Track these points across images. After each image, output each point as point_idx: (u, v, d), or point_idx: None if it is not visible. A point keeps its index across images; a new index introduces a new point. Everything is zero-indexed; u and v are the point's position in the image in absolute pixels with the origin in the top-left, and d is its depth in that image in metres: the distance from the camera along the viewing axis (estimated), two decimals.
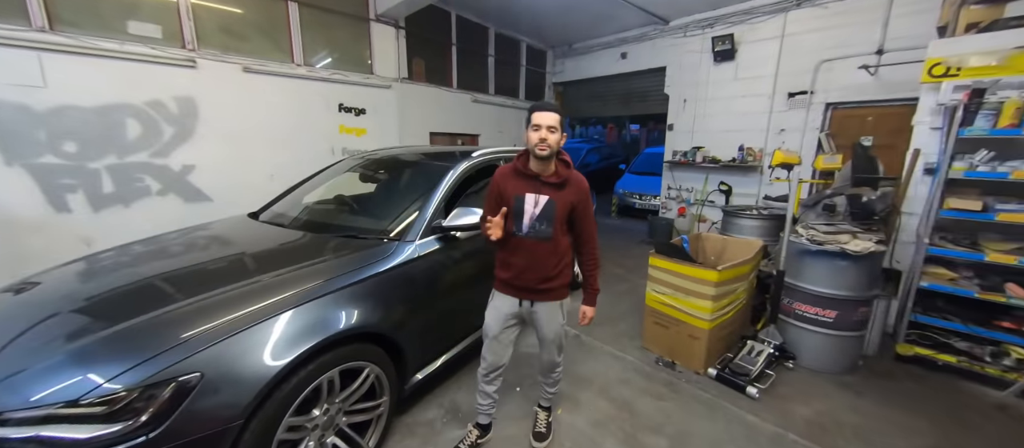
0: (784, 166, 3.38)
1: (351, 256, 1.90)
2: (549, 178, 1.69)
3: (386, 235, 2.14)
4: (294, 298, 1.55)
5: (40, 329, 1.45)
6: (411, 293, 2.02)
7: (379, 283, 1.85)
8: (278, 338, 1.44)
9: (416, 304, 2.05)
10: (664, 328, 2.88)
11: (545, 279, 1.77)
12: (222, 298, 1.51)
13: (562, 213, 1.71)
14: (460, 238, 2.39)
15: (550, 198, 1.69)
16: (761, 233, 3.60)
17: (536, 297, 1.80)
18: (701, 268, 2.63)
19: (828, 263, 2.65)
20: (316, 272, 1.73)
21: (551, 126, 1.61)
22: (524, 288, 1.79)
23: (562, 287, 1.84)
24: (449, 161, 2.67)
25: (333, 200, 2.93)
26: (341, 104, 4.71)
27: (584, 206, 1.76)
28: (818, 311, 2.72)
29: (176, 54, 3.56)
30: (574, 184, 1.74)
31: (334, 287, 1.67)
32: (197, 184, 3.84)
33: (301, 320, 1.52)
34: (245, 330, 1.39)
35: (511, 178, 1.75)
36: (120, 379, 1.20)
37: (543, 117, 1.62)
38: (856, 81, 4.65)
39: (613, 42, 7.00)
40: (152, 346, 1.28)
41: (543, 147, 1.62)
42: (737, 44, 5.53)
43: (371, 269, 1.85)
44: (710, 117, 6.00)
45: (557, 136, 1.64)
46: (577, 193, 1.73)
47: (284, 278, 1.66)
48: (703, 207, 6.04)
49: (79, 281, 1.88)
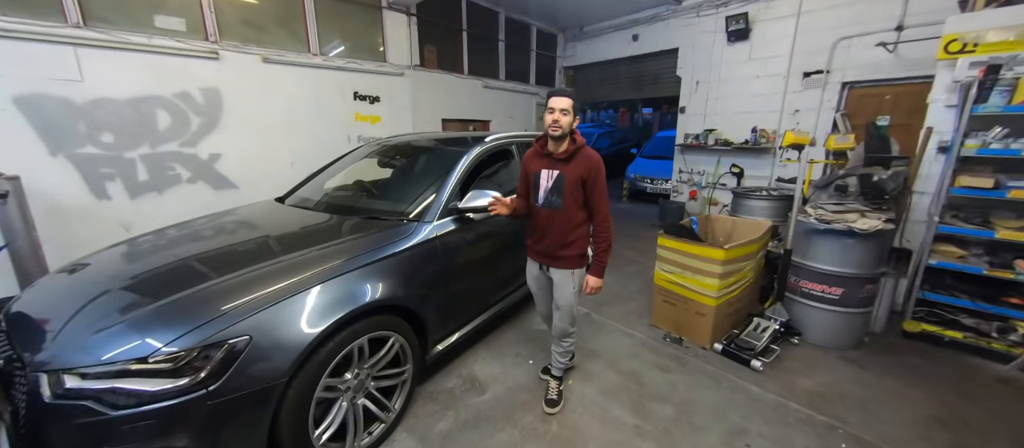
0: (795, 147, 3.39)
1: (374, 236, 2.04)
2: (561, 155, 1.91)
3: (405, 216, 2.27)
4: (324, 273, 1.69)
5: (97, 303, 1.61)
6: (430, 270, 2.16)
7: (400, 261, 1.99)
8: (312, 309, 1.59)
9: (435, 281, 2.18)
10: (672, 306, 2.98)
11: (559, 246, 1.99)
12: (261, 273, 1.65)
13: (572, 184, 1.90)
14: (474, 219, 2.51)
15: (561, 172, 1.91)
16: (771, 214, 3.64)
17: (552, 263, 2.06)
18: (708, 247, 2.70)
19: (835, 241, 2.70)
20: (342, 250, 1.87)
21: (564, 109, 1.83)
22: (543, 253, 2.07)
23: (574, 257, 2.02)
24: (463, 146, 2.77)
25: (353, 185, 3.07)
26: (356, 92, 4.83)
27: (594, 179, 1.91)
28: (824, 288, 2.78)
29: (200, 46, 3.71)
30: (583, 158, 1.92)
31: (359, 264, 1.81)
32: (223, 172, 4.03)
33: (332, 293, 1.67)
34: (283, 301, 1.54)
35: (533, 158, 2.04)
36: (176, 343, 1.35)
37: (557, 101, 1.84)
38: (874, 59, 4.56)
39: (624, 24, 6.92)
40: (200, 315, 1.43)
41: (555, 128, 1.84)
42: (752, 23, 5.44)
43: (392, 247, 1.98)
44: (723, 99, 5.94)
45: (570, 118, 1.85)
46: (586, 166, 1.90)
47: (313, 256, 1.80)
48: (714, 190, 6.04)
49: (124, 262, 2.02)
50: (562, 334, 2.17)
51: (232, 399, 1.37)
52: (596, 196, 1.95)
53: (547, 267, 2.09)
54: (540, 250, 2.08)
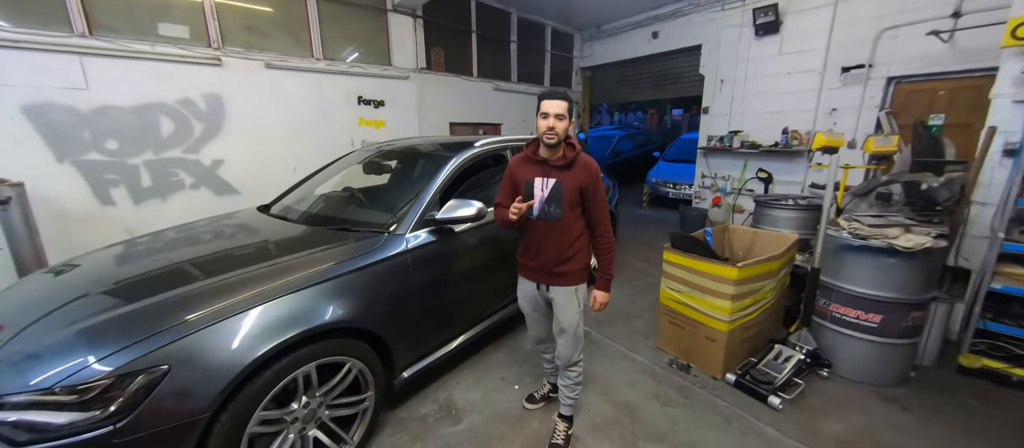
0: (827, 150, 3.00)
1: (334, 250, 1.88)
2: (556, 161, 1.73)
3: (378, 228, 2.11)
4: (267, 293, 1.54)
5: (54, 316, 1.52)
6: (400, 287, 1.98)
7: (362, 277, 1.82)
8: (247, 333, 1.43)
9: (406, 298, 2.01)
10: (679, 328, 2.67)
11: (559, 262, 1.80)
12: (197, 292, 1.53)
13: (570, 193, 1.72)
14: (457, 231, 2.33)
15: (557, 180, 1.72)
16: (798, 225, 3.24)
17: (551, 281, 1.85)
18: (718, 264, 2.39)
19: (873, 260, 2.32)
20: (294, 266, 1.73)
21: (559, 114, 1.65)
22: (540, 271, 1.86)
23: (577, 271, 1.83)
24: (448, 152, 2.60)
25: (341, 192, 2.96)
26: (360, 97, 4.77)
27: (594, 187, 1.75)
28: (859, 315, 2.40)
29: (202, 53, 3.73)
30: (581, 165, 1.74)
31: (310, 282, 1.66)
32: (226, 178, 4.04)
33: (273, 315, 1.51)
34: (213, 325, 1.39)
35: (523, 165, 1.83)
36: (82, 374, 1.22)
37: (551, 105, 1.65)
38: (926, 50, 4.04)
39: (644, 21, 6.58)
40: (121, 338, 1.31)
41: (551, 135, 1.66)
42: (782, 15, 4.99)
43: (353, 263, 1.82)
44: (750, 98, 5.50)
45: (565, 124, 1.67)
46: (585, 174, 1.73)
47: (261, 272, 1.66)
48: (739, 196, 5.58)
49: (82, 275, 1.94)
50: (568, 362, 1.93)
51: (143, 437, 1.23)
52: (597, 207, 1.78)
53: (546, 286, 1.87)
54: (537, 267, 1.85)
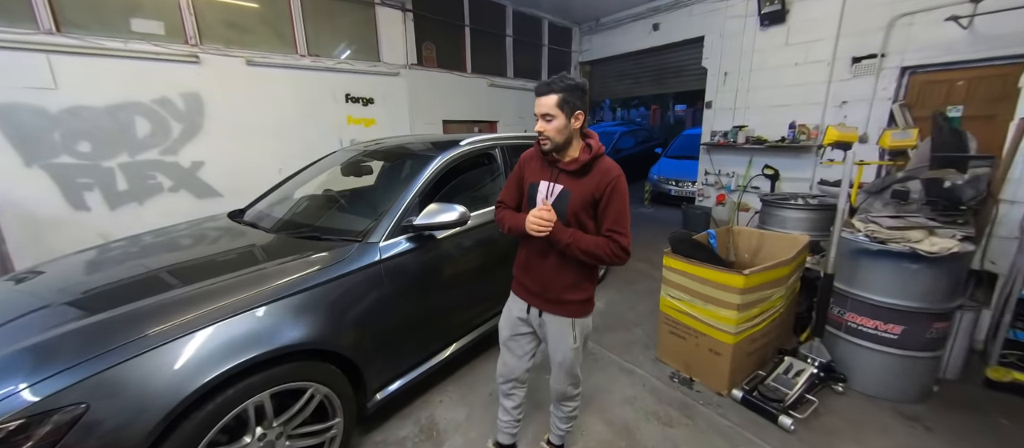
0: (839, 145, 2.79)
1: (297, 262, 1.70)
2: (568, 165, 1.44)
3: (350, 236, 1.93)
4: (213, 314, 1.37)
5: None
6: (373, 302, 1.81)
7: (327, 293, 1.64)
8: (186, 362, 1.26)
9: (380, 313, 1.83)
10: (680, 339, 2.48)
11: (560, 286, 1.50)
12: (131, 315, 1.35)
13: (578, 206, 1.42)
14: (438, 238, 2.15)
15: (565, 188, 1.44)
16: (809, 227, 3.03)
17: (547, 307, 1.55)
18: (723, 271, 2.20)
19: (893, 266, 2.12)
20: (250, 281, 1.55)
21: (546, 114, 1.38)
22: (535, 292, 1.56)
23: (578, 302, 1.53)
24: (430, 152, 2.42)
25: (317, 197, 2.78)
26: (348, 94, 4.59)
27: (610, 196, 1.39)
28: (878, 325, 2.20)
29: (179, 50, 3.57)
30: (599, 173, 1.41)
31: (266, 299, 1.48)
32: (207, 180, 3.88)
33: (221, 338, 1.34)
34: (145, 354, 1.22)
35: (534, 162, 1.56)
36: None
37: (539, 104, 1.40)
38: (943, 38, 3.80)
39: (644, 12, 6.36)
40: (36, 371, 1.14)
41: (542, 141, 1.43)
42: (789, 3, 4.76)
43: (317, 277, 1.64)
44: (755, 91, 5.27)
45: (558, 122, 1.38)
46: (601, 184, 1.40)
47: (212, 289, 1.49)
48: (744, 194, 5.37)
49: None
50: (562, 397, 1.68)
51: None
52: (611, 217, 1.40)
53: (539, 312, 1.57)
54: (531, 288, 1.55)
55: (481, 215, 2.42)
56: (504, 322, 1.69)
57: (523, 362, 1.68)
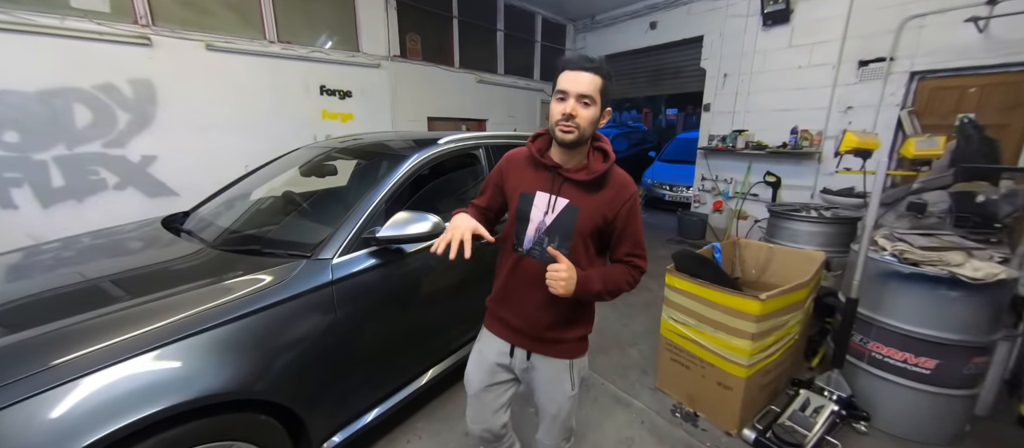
0: (858, 153, 2.55)
1: (223, 285, 1.37)
2: (575, 173, 1.13)
3: (298, 251, 1.60)
4: (105, 353, 1.04)
5: None
6: (321, 332, 1.48)
7: (258, 325, 1.31)
8: (59, 420, 0.93)
9: (328, 347, 1.50)
10: (684, 368, 2.20)
11: (553, 323, 1.20)
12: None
13: (588, 227, 1.13)
14: (407, 252, 1.83)
15: (572, 203, 1.13)
16: (823, 241, 2.78)
17: (536, 347, 1.23)
18: (736, 295, 1.91)
19: (927, 292, 1.86)
20: (155, 312, 1.21)
21: (584, 95, 1.04)
22: (520, 331, 1.23)
23: (576, 340, 1.25)
24: (402, 151, 2.10)
25: (275, 201, 2.43)
26: (323, 86, 4.23)
27: (627, 220, 1.15)
28: (907, 357, 1.94)
29: (126, 30, 3.18)
30: (615, 187, 1.14)
31: (171, 335, 1.14)
32: (160, 177, 3.49)
33: (108, 386, 1.01)
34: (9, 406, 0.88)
35: (523, 167, 1.22)
36: None
37: (574, 80, 1.04)
38: (957, 42, 3.60)
39: (641, 10, 6.10)
40: None
41: (568, 127, 1.06)
42: (793, 3, 4.53)
43: (246, 305, 1.30)
44: (756, 94, 5.05)
45: (594, 111, 1.07)
46: (616, 201, 1.13)
47: (100, 323, 1.15)
48: (744, 201, 5.14)
49: None
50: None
51: None
52: (631, 240, 1.16)
53: (526, 354, 1.24)
54: (514, 323, 1.23)
55: None
56: (474, 369, 1.33)
57: (500, 416, 1.33)
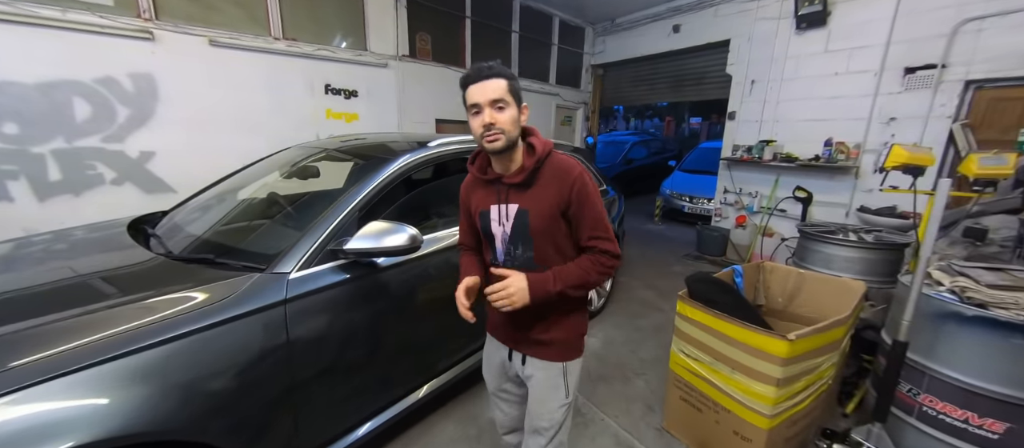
0: (909, 169, 2.22)
1: (148, 302, 1.19)
2: (514, 177, 1.13)
3: (255, 263, 1.43)
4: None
5: None
6: (271, 358, 1.30)
7: (185, 352, 1.12)
8: None
9: (275, 377, 1.32)
10: (696, 410, 1.92)
11: (539, 323, 1.21)
12: None
13: (542, 225, 1.12)
14: (381, 266, 1.64)
15: (520, 207, 1.13)
16: (861, 269, 2.45)
17: (528, 350, 1.25)
18: (759, 332, 1.64)
19: (998, 340, 1.54)
20: (65, 332, 1.05)
21: (496, 100, 1.04)
22: (513, 334, 1.27)
23: (565, 341, 1.23)
24: (385, 154, 1.92)
25: (253, 204, 2.28)
26: (328, 85, 4.12)
27: (580, 205, 1.10)
28: (970, 417, 1.62)
29: (129, 24, 3.13)
30: (553, 177, 1.11)
31: (76, 362, 0.97)
32: (158, 173, 3.43)
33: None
34: None
35: (475, 188, 1.25)
36: None
37: (481, 90, 1.04)
38: (1021, 47, 3.20)
39: (664, 13, 5.82)
40: None
41: (493, 136, 1.05)
42: (831, 4, 4.18)
43: (173, 327, 1.12)
44: (786, 103, 4.69)
45: (511, 112, 1.06)
46: (562, 189, 1.10)
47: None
48: (771, 217, 4.77)
49: None
50: None
51: None
52: (588, 224, 1.12)
53: (521, 358, 1.26)
54: (509, 327, 1.27)
55: (451, 237, 1.91)
56: (487, 370, 1.42)
57: (520, 408, 1.39)
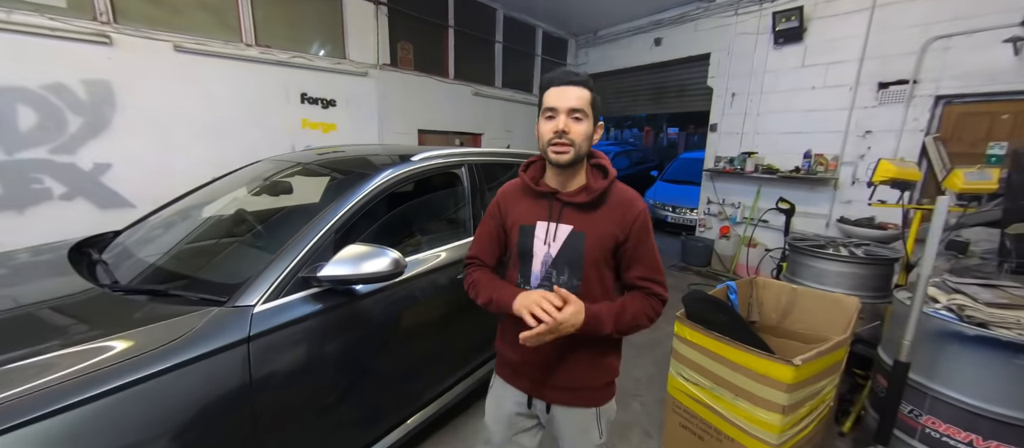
0: (896, 184, 2.23)
1: (80, 351, 1.02)
2: (574, 195, 1.05)
3: (212, 294, 1.26)
4: None
5: None
6: (227, 405, 1.13)
7: (124, 408, 0.96)
8: None
9: (247, 421, 1.16)
10: (696, 438, 1.83)
11: (569, 370, 1.08)
12: None
13: (598, 253, 1.03)
14: (360, 294, 1.50)
15: (575, 229, 1.04)
16: (853, 284, 2.43)
17: (556, 397, 1.12)
18: (764, 358, 1.56)
19: (999, 359, 1.52)
20: None
21: (575, 109, 0.98)
22: (534, 377, 1.12)
23: (602, 387, 1.12)
24: (364, 169, 1.79)
25: (227, 220, 2.10)
26: (304, 94, 3.94)
27: (639, 239, 1.03)
28: (975, 440, 1.58)
29: (83, 27, 2.89)
30: (619, 204, 1.04)
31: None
32: (114, 187, 3.17)
33: None
34: None
35: (519, 198, 1.14)
36: None
37: (562, 95, 0.98)
38: (987, 64, 3.34)
39: (646, 25, 5.89)
40: None
41: (561, 146, 0.98)
42: (807, 20, 4.29)
43: (112, 377, 0.95)
44: (766, 115, 4.77)
45: (587, 126, 0.99)
46: (625, 219, 1.03)
47: None
48: (755, 229, 4.81)
49: None
50: None
51: None
52: (645, 263, 1.05)
53: (546, 406, 1.13)
54: (529, 370, 1.11)
55: (436, 257, 1.78)
56: (492, 420, 1.22)
57: None
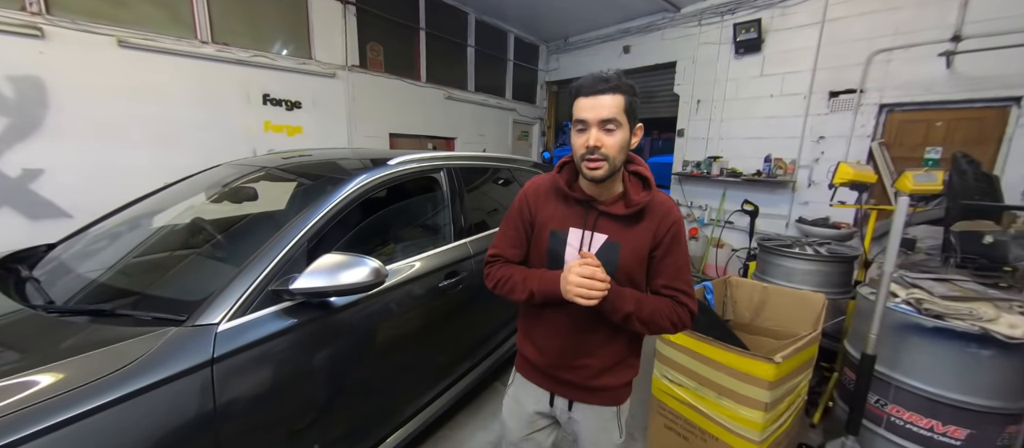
0: (854, 186, 2.37)
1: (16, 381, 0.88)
2: (612, 206, 1.03)
3: (169, 315, 1.13)
4: None
5: None
6: (195, 434, 1.01)
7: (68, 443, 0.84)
8: None
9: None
10: (681, 438, 1.85)
11: (594, 368, 1.10)
12: None
13: (632, 264, 1.02)
14: (336, 306, 1.40)
15: (611, 239, 1.02)
16: (819, 281, 2.56)
17: (578, 396, 1.14)
18: (746, 356, 1.60)
19: (955, 349, 1.62)
20: None
21: (607, 120, 0.92)
22: (560, 380, 1.15)
23: (622, 386, 1.14)
24: (338, 174, 1.69)
25: (182, 230, 1.92)
26: (267, 95, 3.73)
27: (669, 247, 1.02)
28: (934, 425, 1.69)
29: (10, 17, 2.59)
30: (657, 214, 1.03)
31: None
32: (47, 195, 2.85)
33: None
34: None
35: (550, 199, 1.11)
36: None
37: (593, 106, 0.92)
38: (922, 77, 3.64)
39: (614, 34, 6.03)
40: None
41: (595, 163, 0.94)
42: (764, 33, 4.54)
43: (50, 413, 0.83)
44: (730, 121, 5.00)
45: (622, 135, 0.94)
46: (660, 229, 1.02)
47: None
48: (723, 230, 5.01)
49: None
50: None
51: None
52: (672, 271, 1.03)
53: (568, 402, 1.15)
54: (555, 373, 1.13)
55: (417, 264, 1.70)
56: (510, 416, 1.24)
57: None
